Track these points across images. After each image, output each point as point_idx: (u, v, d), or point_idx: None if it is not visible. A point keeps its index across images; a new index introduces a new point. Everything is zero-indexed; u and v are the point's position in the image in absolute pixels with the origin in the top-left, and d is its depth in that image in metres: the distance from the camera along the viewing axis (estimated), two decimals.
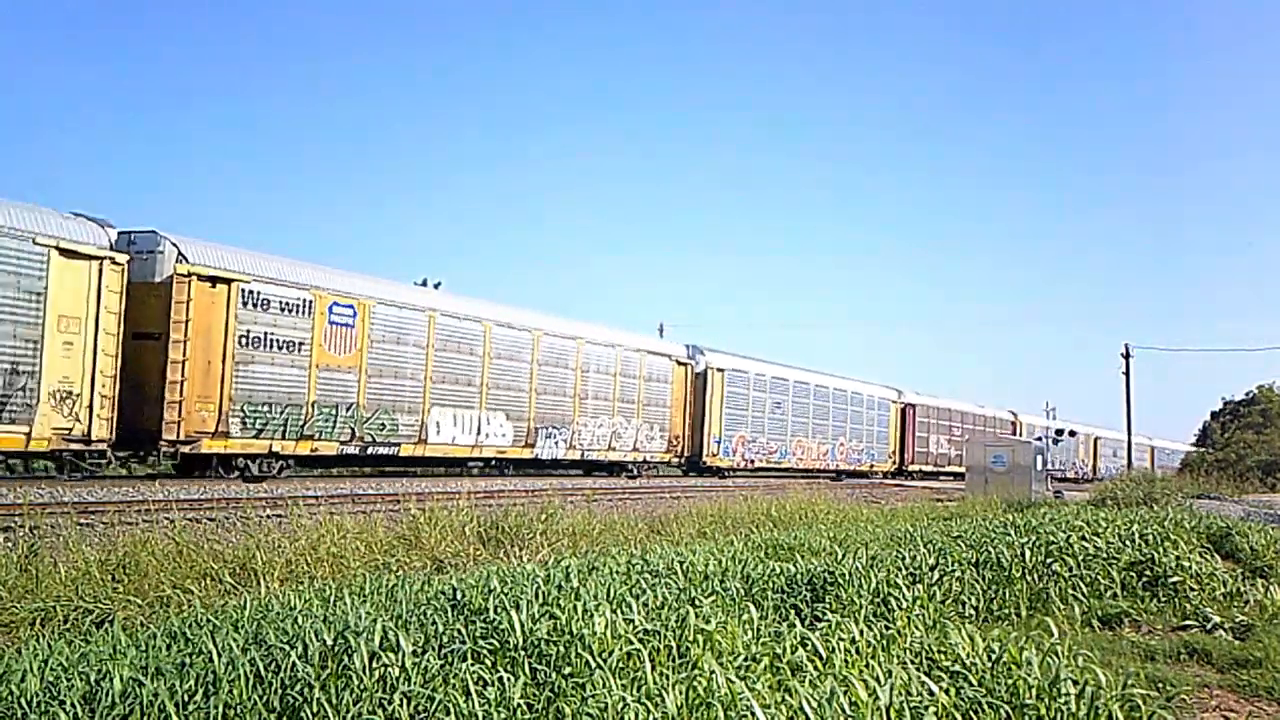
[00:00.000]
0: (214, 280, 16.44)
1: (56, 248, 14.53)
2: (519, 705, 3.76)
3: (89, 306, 14.89)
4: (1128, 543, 9.90)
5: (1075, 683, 4.24)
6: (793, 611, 5.91)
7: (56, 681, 4.07)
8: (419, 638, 4.43)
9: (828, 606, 5.97)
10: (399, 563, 9.01)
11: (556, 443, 24.06)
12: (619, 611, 4.86)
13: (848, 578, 6.52)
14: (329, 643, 4.22)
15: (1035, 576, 8.33)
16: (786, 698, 3.80)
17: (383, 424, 19.51)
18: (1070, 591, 8.26)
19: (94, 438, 15.00)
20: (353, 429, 18.79)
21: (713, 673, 3.89)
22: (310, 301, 18.08)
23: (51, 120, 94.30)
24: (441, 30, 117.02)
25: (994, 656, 4.65)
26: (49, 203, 15.25)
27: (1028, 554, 8.68)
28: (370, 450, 19.38)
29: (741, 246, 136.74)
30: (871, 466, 40.28)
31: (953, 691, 4.12)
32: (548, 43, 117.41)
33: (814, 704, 3.68)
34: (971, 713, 3.98)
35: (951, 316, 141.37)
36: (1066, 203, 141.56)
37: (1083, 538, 9.82)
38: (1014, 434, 46.71)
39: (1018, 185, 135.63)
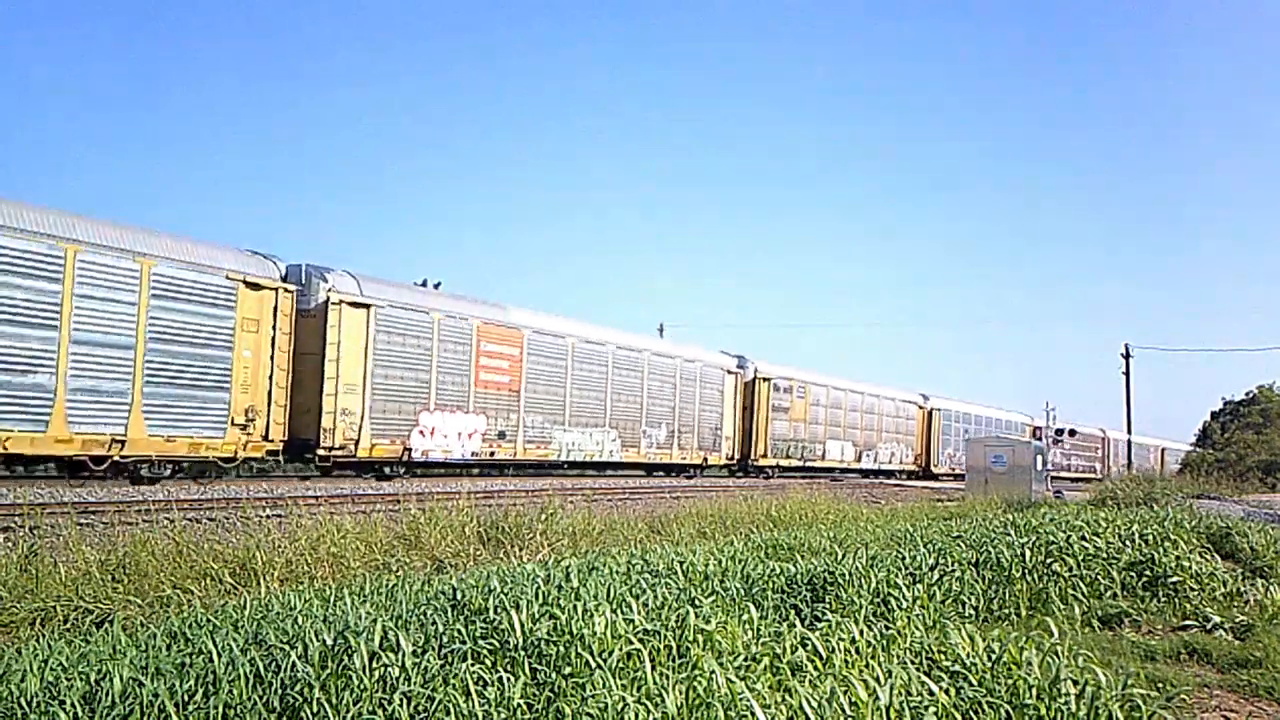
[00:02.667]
0: (767, 380, 33.72)
1: (727, 371, 32.30)
2: (519, 705, 3.75)
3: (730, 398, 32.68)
4: (1128, 543, 9.90)
5: (1075, 683, 4.23)
6: (793, 611, 5.90)
7: (56, 681, 4.08)
8: (419, 638, 4.42)
9: (828, 606, 5.95)
10: (399, 563, 9.01)
11: (869, 459, 40.37)
12: (619, 611, 4.85)
13: (848, 578, 6.51)
14: (329, 643, 4.22)
15: (1035, 576, 8.31)
16: (786, 698, 3.79)
17: (811, 450, 36.51)
18: (1070, 591, 8.24)
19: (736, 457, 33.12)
20: (801, 452, 35.75)
21: (713, 673, 3.88)
22: (792, 386, 35.26)
23: (40, 116, 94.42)
24: (441, 30, 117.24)
25: (994, 656, 4.64)
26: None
27: (1028, 554, 8.66)
28: (805, 464, 35.96)
29: (741, 246, 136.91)
30: None
31: (953, 691, 4.12)
32: (550, 43, 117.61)
33: (814, 704, 3.67)
34: (971, 713, 3.98)
35: (952, 316, 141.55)
36: (1067, 202, 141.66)
37: (1083, 538, 9.81)
38: (1103, 445, 59.93)
39: (1018, 185, 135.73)
